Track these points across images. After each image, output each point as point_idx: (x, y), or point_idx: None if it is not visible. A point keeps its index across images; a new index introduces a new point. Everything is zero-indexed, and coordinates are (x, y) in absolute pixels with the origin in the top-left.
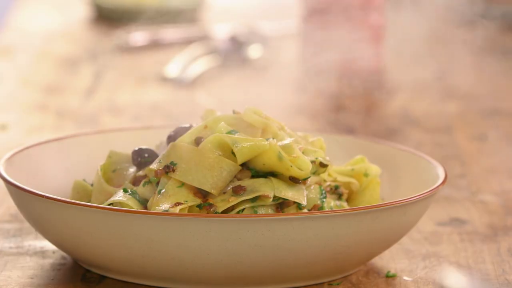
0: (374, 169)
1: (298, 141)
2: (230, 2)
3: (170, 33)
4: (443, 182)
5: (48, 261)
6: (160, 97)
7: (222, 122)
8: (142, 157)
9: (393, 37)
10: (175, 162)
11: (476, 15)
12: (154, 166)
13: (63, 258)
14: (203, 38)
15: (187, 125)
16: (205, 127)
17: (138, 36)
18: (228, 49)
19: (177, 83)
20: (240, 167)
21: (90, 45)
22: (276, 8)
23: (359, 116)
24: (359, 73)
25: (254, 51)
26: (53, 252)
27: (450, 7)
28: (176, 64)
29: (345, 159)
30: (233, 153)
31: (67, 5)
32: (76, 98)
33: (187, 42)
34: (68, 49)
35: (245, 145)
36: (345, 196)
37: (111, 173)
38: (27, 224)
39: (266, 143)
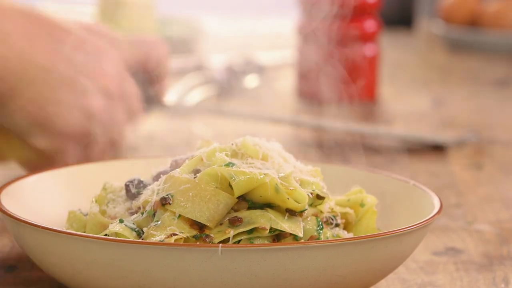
0: (370, 199)
1: (295, 172)
2: (227, 32)
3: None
4: (439, 212)
5: None
6: (156, 126)
7: (220, 154)
8: (135, 189)
9: (389, 67)
10: (171, 194)
11: (470, 44)
12: (150, 197)
13: None
14: (200, 68)
15: (183, 157)
16: (202, 159)
17: None
18: (224, 79)
19: (174, 112)
20: (237, 199)
21: None
22: (272, 39)
23: (355, 146)
24: (355, 102)
25: (250, 81)
26: (50, 283)
27: (444, 36)
28: (173, 94)
29: (342, 189)
30: (230, 185)
31: None
32: None
33: (183, 71)
34: None
35: (242, 179)
36: (341, 226)
37: (105, 205)
38: (24, 254)
39: (263, 176)
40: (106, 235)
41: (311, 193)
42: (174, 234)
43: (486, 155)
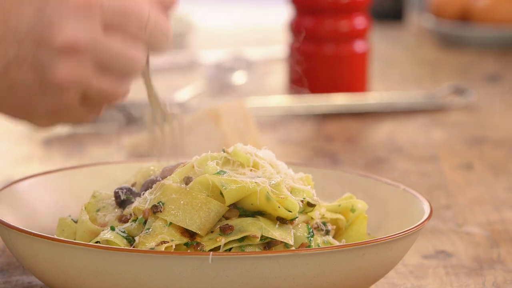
0: (361, 204)
1: (286, 179)
2: (217, 28)
3: (157, 58)
4: (429, 218)
5: None
6: None
7: (211, 162)
8: (124, 196)
9: (379, 61)
10: (163, 202)
11: (461, 38)
12: (142, 205)
13: None
14: (190, 64)
15: (174, 165)
16: (194, 166)
17: None
18: (213, 75)
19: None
20: (228, 208)
21: None
22: (262, 34)
23: (345, 145)
24: (345, 98)
25: (239, 77)
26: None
27: (435, 31)
28: (163, 90)
29: (333, 194)
30: (221, 193)
31: None
32: (63, 128)
33: (174, 67)
34: None
35: (233, 187)
36: (332, 232)
37: (95, 213)
38: (14, 259)
39: (254, 185)
40: (97, 242)
41: (302, 201)
42: (165, 242)
43: (476, 154)
